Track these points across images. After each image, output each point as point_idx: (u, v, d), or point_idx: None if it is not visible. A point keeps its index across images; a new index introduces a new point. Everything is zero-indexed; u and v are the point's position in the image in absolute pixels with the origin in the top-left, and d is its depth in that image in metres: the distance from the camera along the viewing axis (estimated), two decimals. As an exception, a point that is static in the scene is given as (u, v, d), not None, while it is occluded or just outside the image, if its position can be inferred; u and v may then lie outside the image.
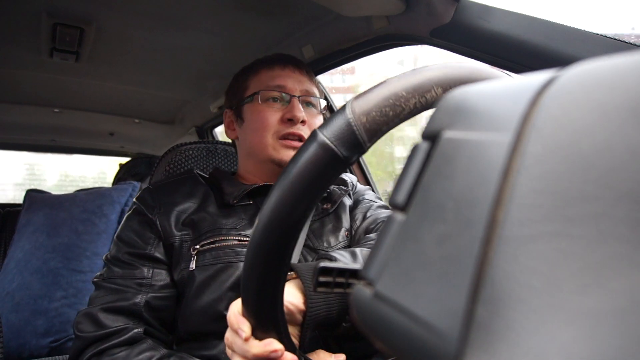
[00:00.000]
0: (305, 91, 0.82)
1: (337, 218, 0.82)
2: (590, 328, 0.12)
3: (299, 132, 0.77)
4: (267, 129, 0.78)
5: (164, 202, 0.76)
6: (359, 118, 0.29)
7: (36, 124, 2.06)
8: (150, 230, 0.74)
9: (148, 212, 0.75)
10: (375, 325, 0.19)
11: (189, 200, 0.77)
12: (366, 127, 0.29)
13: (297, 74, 0.83)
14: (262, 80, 0.81)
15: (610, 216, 0.12)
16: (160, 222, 0.73)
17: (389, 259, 0.19)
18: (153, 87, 1.64)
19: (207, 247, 0.71)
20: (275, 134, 0.78)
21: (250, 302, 0.37)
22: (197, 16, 1.08)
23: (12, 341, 1.38)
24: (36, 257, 1.50)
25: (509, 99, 0.17)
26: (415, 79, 0.29)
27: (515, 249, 0.14)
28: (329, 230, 0.79)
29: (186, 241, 0.73)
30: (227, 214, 0.76)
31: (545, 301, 0.12)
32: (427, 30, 0.85)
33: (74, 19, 1.07)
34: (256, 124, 0.80)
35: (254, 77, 0.83)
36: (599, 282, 0.12)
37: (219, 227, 0.73)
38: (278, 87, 0.80)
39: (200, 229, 0.73)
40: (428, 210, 0.18)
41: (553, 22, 0.65)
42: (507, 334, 0.13)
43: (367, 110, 0.29)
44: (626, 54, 0.15)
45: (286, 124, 0.78)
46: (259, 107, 0.80)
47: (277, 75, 0.81)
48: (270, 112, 0.79)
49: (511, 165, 0.15)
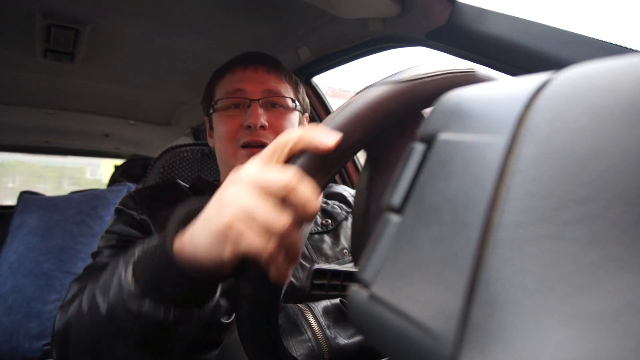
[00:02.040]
0: (267, 91, 0.77)
1: (336, 236, 0.81)
2: (584, 329, 0.12)
3: (258, 139, 0.74)
4: (229, 138, 0.76)
5: (147, 204, 0.73)
6: None
7: (30, 126, 2.05)
8: (136, 229, 0.70)
9: (132, 212, 0.72)
10: (371, 327, 0.19)
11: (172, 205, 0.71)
12: None
13: (260, 73, 0.78)
14: (224, 87, 0.79)
15: (604, 218, 0.12)
16: (144, 221, 0.70)
17: (385, 260, 0.19)
18: (148, 88, 1.64)
19: None
20: (237, 142, 0.76)
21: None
22: (193, 17, 1.08)
23: (4, 344, 1.37)
24: (30, 260, 1.48)
25: (504, 102, 0.17)
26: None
27: (510, 251, 0.14)
28: (328, 245, 0.79)
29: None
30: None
31: (540, 303, 0.12)
32: (422, 33, 0.85)
33: (68, 20, 1.07)
34: (220, 133, 0.78)
35: (220, 83, 0.80)
36: (593, 283, 0.12)
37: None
38: (237, 91, 0.77)
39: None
40: (424, 212, 0.18)
41: (548, 25, 0.66)
42: (501, 335, 0.13)
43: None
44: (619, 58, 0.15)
45: (246, 131, 0.75)
46: (220, 115, 0.78)
47: (238, 79, 0.78)
48: (230, 120, 0.76)
49: (506, 167, 0.15)
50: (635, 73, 0.14)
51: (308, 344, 0.62)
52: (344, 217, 0.85)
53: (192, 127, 2.06)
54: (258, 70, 0.79)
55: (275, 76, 0.80)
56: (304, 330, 0.63)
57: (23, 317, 1.40)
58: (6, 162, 4.84)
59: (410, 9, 0.85)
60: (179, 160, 1.02)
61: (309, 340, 0.63)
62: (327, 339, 0.64)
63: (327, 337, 0.64)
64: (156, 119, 2.06)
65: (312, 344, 0.63)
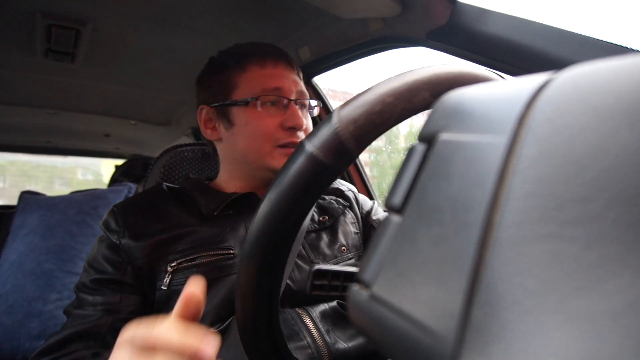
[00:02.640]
0: (300, 93, 0.76)
1: (333, 233, 0.79)
2: (584, 329, 0.12)
3: (299, 140, 0.70)
4: (267, 137, 0.72)
5: (129, 224, 0.69)
6: (346, 127, 0.28)
7: (31, 126, 2.05)
8: (118, 254, 0.67)
9: (112, 236, 0.69)
10: (371, 327, 0.19)
11: (158, 217, 0.70)
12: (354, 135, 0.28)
13: (290, 72, 0.76)
14: (254, 80, 0.74)
15: (604, 218, 0.12)
16: (125, 245, 0.67)
17: (385, 261, 0.19)
18: (149, 88, 1.64)
19: (185, 264, 0.65)
20: (274, 142, 0.72)
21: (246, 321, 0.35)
22: (193, 17, 1.08)
23: (5, 344, 1.37)
24: (30, 259, 1.49)
25: (504, 102, 0.17)
26: (402, 84, 0.29)
27: (511, 250, 0.14)
28: (325, 243, 0.76)
29: (158, 261, 0.66)
30: (205, 227, 0.69)
31: (540, 303, 0.12)
32: (423, 32, 0.85)
33: (69, 20, 1.07)
34: (253, 130, 0.73)
35: (242, 75, 0.75)
36: (593, 283, 0.12)
37: (197, 242, 0.67)
38: (275, 89, 0.73)
39: (174, 246, 0.67)
40: (424, 212, 0.18)
41: (548, 25, 0.66)
42: (502, 335, 0.13)
43: (354, 119, 0.28)
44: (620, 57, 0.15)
45: (286, 132, 0.72)
46: (257, 113, 0.72)
47: (272, 75, 0.74)
48: (269, 119, 0.72)
49: (507, 167, 0.15)
50: (636, 73, 0.14)
51: (308, 351, 0.61)
52: (341, 212, 0.83)
53: (193, 127, 2.06)
54: (288, 68, 0.77)
55: (299, 77, 0.79)
56: (302, 336, 0.62)
57: (24, 317, 1.41)
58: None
59: (410, 9, 0.85)
60: (180, 160, 1.02)
61: (309, 347, 0.61)
62: (327, 345, 0.62)
63: (326, 342, 0.63)
64: (157, 119, 2.07)
65: (311, 350, 0.61)
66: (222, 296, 0.64)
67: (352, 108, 0.29)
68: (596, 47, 0.60)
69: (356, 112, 0.28)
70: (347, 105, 0.29)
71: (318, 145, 0.29)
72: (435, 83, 0.29)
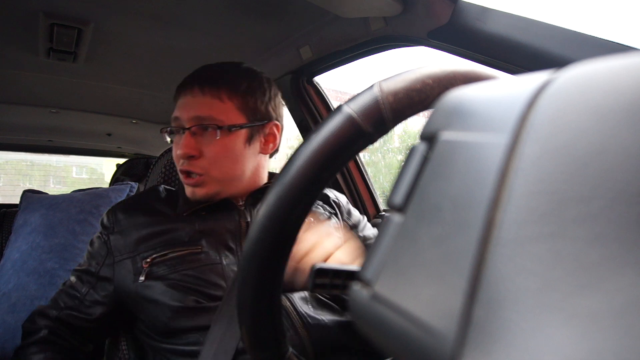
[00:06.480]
0: (195, 118, 0.75)
1: None
2: (586, 328, 0.12)
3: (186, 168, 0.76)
4: (176, 162, 0.80)
5: (120, 221, 0.77)
6: (386, 97, 0.29)
7: (33, 125, 2.06)
8: (105, 249, 0.76)
9: (104, 232, 0.78)
10: (373, 326, 0.19)
11: (144, 216, 0.78)
12: (393, 106, 0.29)
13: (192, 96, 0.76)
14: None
15: (606, 217, 0.12)
16: (113, 240, 0.76)
17: (387, 260, 0.19)
18: (151, 87, 1.64)
19: (158, 259, 0.72)
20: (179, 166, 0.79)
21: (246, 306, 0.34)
22: (195, 17, 1.08)
23: (8, 342, 1.37)
24: (33, 258, 1.49)
25: (506, 101, 0.17)
26: (443, 71, 0.30)
27: (512, 249, 0.14)
28: None
29: (137, 256, 0.74)
30: (180, 225, 0.76)
31: (542, 302, 0.13)
32: (424, 32, 0.85)
33: (71, 19, 1.07)
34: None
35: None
36: (595, 282, 0.12)
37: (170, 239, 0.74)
38: (174, 119, 0.79)
39: (151, 243, 0.74)
40: (425, 211, 0.18)
41: (550, 23, 0.66)
42: (503, 334, 0.13)
43: (395, 91, 0.29)
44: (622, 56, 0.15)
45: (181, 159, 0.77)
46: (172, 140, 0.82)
47: (178, 105, 0.80)
48: (175, 147, 0.79)
49: (508, 166, 0.15)
50: (638, 71, 0.14)
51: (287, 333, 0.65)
52: (327, 217, 0.85)
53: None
54: (194, 93, 0.76)
55: (212, 96, 0.76)
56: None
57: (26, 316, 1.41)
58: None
59: (411, 8, 0.85)
60: (181, 160, 1.02)
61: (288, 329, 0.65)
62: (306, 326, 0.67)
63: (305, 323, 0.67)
64: (158, 118, 2.07)
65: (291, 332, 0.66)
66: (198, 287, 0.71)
67: (394, 82, 0.30)
68: (598, 45, 0.60)
69: (397, 86, 0.29)
70: (389, 78, 0.30)
71: (356, 110, 0.29)
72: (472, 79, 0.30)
